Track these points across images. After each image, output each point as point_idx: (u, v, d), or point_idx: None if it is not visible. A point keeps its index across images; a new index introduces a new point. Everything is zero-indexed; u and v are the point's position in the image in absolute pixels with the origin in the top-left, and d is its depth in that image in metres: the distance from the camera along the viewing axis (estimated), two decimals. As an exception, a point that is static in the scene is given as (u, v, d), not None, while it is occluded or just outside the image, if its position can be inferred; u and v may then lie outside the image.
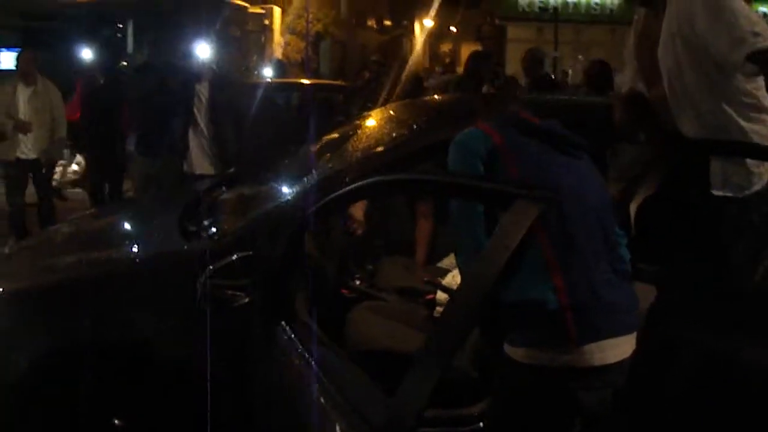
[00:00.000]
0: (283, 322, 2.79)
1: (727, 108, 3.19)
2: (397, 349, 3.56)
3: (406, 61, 11.27)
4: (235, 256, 3.00)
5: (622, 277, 2.52)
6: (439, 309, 4.28)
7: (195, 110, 7.11)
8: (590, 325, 2.35)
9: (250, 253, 2.98)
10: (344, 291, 4.49)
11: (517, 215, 2.22)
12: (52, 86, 8.24)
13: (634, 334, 2.49)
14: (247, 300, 2.93)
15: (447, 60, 37.18)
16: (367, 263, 4.84)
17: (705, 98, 3.22)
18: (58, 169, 9.93)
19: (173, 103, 7.27)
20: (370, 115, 4.62)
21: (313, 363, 2.57)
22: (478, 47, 34.12)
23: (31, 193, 8.30)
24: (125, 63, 13.28)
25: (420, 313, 4.14)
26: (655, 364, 2.68)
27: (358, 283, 4.60)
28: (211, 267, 2.98)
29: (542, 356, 2.38)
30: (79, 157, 10.45)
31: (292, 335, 2.74)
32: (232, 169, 6.18)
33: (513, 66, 26.92)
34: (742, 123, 3.18)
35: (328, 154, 3.78)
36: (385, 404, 2.29)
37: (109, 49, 9.55)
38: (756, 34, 3.05)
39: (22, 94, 7.98)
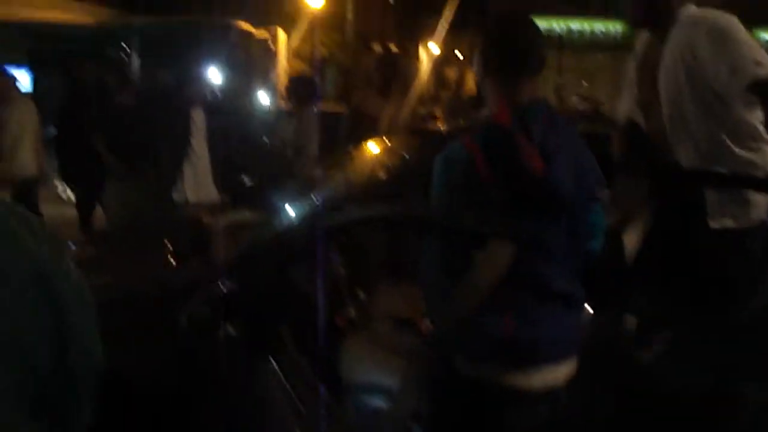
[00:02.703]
0: (268, 356, 2.74)
1: (725, 137, 3.15)
2: (388, 381, 3.49)
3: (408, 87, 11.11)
4: (220, 288, 2.95)
5: (570, 308, 2.57)
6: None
7: (190, 136, 7.06)
8: (532, 353, 2.45)
9: (236, 284, 2.93)
10: (339, 321, 4.42)
11: (492, 255, 2.26)
12: (25, 104, 8.16)
13: (571, 361, 2.56)
14: (232, 332, 2.88)
15: (453, 85, 37.30)
16: (362, 292, 4.77)
17: (703, 127, 3.18)
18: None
19: (157, 126, 7.23)
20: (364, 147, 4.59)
21: (295, 397, 2.53)
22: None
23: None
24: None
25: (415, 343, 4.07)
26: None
27: (352, 312, 4.53)
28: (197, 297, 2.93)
29: (484, 372, 2.47)
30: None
31: (277, 369, 2.69)
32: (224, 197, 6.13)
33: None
34: (739, 153, 3.14)
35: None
36: None
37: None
38: (758, 64, 3.01)
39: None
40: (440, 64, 36.71)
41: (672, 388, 2.89)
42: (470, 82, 33.39)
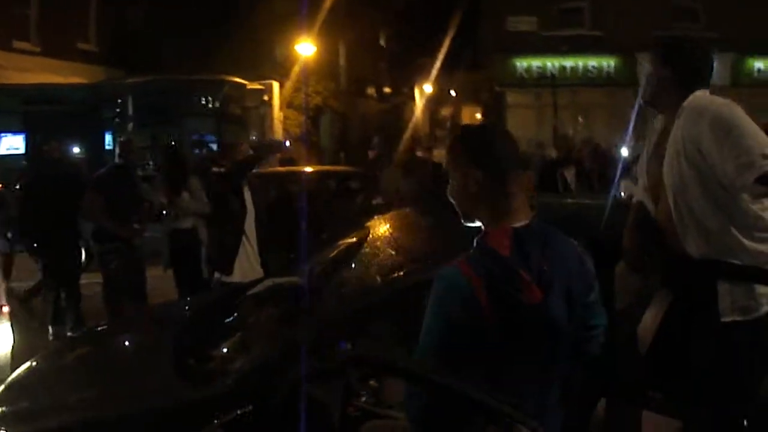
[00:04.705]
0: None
1: (732, 229, 3.12)
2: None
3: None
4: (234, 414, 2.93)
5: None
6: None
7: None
8: None
9: (249, 408, 2.90)
10: (351, 410, 4.38)
11: None
12: None
13: None
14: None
15: (448, 123, 37.52)
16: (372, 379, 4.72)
17: (710, 218, 3.15)
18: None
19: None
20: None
21: None
22: (479, 110, 34.59)
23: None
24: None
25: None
26: None
27: (363, 400, 4.48)
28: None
29: None
30: None
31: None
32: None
33: (513, 131, 27.10)
34: (748, 244, 3.11)
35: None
36: None
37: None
38: (765, 157, 2.97)
39: None
40: (434, 103, 37.03)
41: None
42: (464, 119, 33.56)
